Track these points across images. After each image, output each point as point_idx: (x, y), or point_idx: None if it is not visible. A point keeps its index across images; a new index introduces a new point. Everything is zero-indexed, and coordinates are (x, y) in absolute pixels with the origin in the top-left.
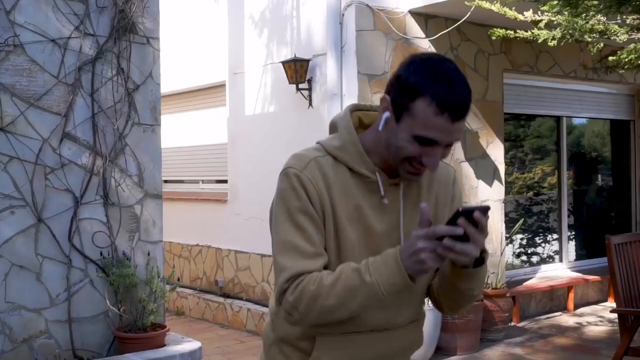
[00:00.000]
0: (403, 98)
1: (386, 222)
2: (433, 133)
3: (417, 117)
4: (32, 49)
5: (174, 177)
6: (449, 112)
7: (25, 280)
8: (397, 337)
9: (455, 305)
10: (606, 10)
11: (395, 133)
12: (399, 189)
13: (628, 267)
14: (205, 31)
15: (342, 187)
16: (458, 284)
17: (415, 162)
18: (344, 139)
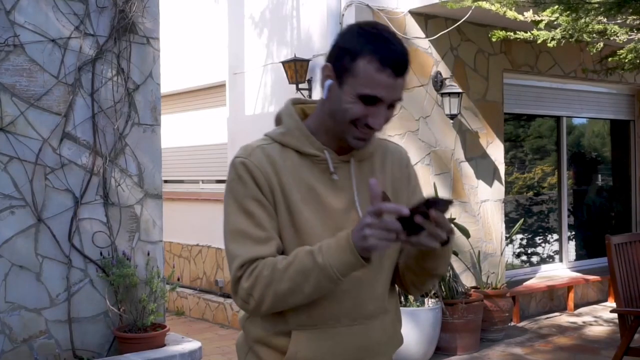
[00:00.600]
0: (344, 61)
1: (342, 200)
2: (376, 90)
3: (359, 76)
4: (32, 49)
5: (174, 177)
6: (391, 67)
7: (25, 280)
8: (371, 330)
9: (420, 284)
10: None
11: (340, 97)
12: (350, 165)
13: (628, 267)
14: (205, 31)
15: (292, 170)
16: (422, 263)
17: (360, 124)
18: (288, 124)
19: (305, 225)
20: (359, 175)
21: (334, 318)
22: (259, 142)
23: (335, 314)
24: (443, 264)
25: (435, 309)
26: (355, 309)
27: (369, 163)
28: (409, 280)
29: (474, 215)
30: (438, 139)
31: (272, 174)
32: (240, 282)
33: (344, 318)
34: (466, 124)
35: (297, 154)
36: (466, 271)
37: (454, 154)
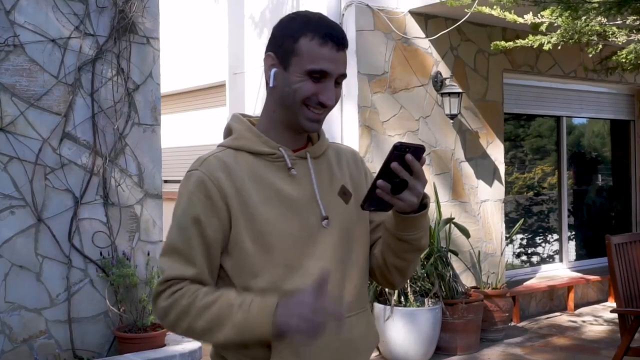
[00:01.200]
0: (286, 45)
1: (303, 193)
2: (322, 63)
3: (303, 53)
4: (32, 49)
5: (174, 177)
6: (331, 40)
7: (25, 280)
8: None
9: (402, 265)
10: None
11: (287, 80)
12: (307, 161)
13: (628, 267)
14: (205, 31)
15: (249, 173)
16: (403, 234)
17: (312, 103)
18: (239, 129)
19: (266, 225)
20: (317, 169)
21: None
22: (212, 151)
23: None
24: (424, 233)
25: (435, 309)
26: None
27: (325, 160)
28: (391, 264)
29: (474, 215)
30: (438, 139)
31: (227, 181)
32: (159, 299)
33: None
34: (466, 124)
35: (252, 155)
36: (466, 271)
37: (454, 154)
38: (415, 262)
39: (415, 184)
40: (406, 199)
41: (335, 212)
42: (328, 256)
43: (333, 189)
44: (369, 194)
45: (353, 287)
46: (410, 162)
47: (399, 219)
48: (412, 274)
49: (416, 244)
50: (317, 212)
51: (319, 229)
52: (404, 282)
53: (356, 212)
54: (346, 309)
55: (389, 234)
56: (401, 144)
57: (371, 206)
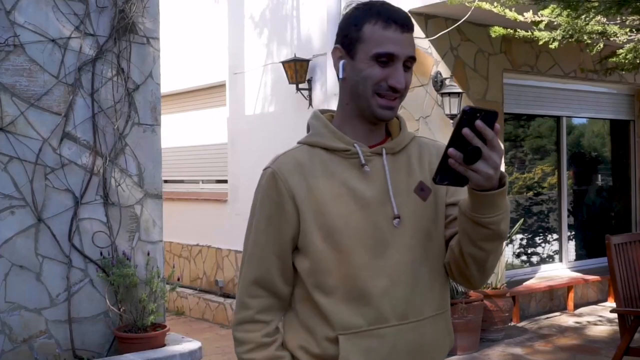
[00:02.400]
0: (351, 34)
1: (376, 192)
2: (388, 46)
3: (368, 39)
4: (32, 49)
5: (174, 177)
6: (395, 22)
7: (25, 280)
8: (424, 331)
9: (481, 254)
10: (606, 11)
11: (355, 68)
12: (382, 158)
13: (628, 267)
14: (205, 31)
15: (322, 169)
16: (480, 217)
17: (383, 89)
18: (315, 125)
19: (333, 220)
20: (392, 166)
21: (382, 319)
22: (289, 149)
23: (382, 314)
24: (503, 217)
25: None
26: (404, 307)
27: (404, 156)
28: (468, 254)
29: None
30: (438, 139)
31: (297, 178)
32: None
33: (392, 318)
34: None
35: (326, 152)
36: None
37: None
38: (495, 254)
39: (490, 154)
40: (481, 170)
41: (410, 210)
42: (400, 256)
43: (410, 186)
44: (441, 165)
45: (427, 289)
46: (482, 129)
47: (475, 197)
48: (492, 270)
49: (494, 229)
50: (389, 210)
51: (390, 228)
52: (482, 279)
53: (435, 211)
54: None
55: (464, 218)
56: (471, 108)
57: (444, 180)
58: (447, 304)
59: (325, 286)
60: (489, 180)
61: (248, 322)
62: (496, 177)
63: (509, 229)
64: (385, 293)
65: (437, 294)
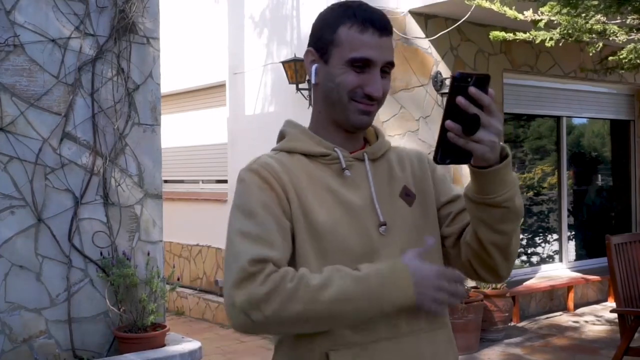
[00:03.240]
0: (324, 37)
1: (361, 197)
2: (363, 50)
3: (343, 43)
4: (32, 49)
5: (174, 177)
6: (372, 25)
7: (25, 280)
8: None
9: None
10: (606, 10)
11: (329, 74)
12: (364, 163)
13: (628, 267)
14: (205, 31)
15: (304, 174)
16: (492, 198)
17: (359, 96)
18: (291, 132)
19: (322, 226)
20: (375, 171)
21: (374, 333)
22: (266, 155)
23: (374, 328)
24: (515, 191)
25: None
26: (396, 320)
27: (384, 162)
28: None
29: None
30: None
31: (284, 173)
32: (250, 283)
33: (385, 331)
34: None
35: (306, 157)
36: None
37: None
38: (516, 236)
39: (490, 120)
40: (483, 138)
41: (397, 216)
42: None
43: (394, 191)
44: (440, 142)
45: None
46: (476, 95)
47: (480, 176)
48: (515, 255)
49: (509, 206)
50: (374, 217)
51: (377, 236)
52: (508, 266)
53: (424, 216)
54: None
55: (474, 205)
56: (460, 74)
57: (445, 158)
58: (445, 318)
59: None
60: (494, 149)
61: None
62: (499, 145)
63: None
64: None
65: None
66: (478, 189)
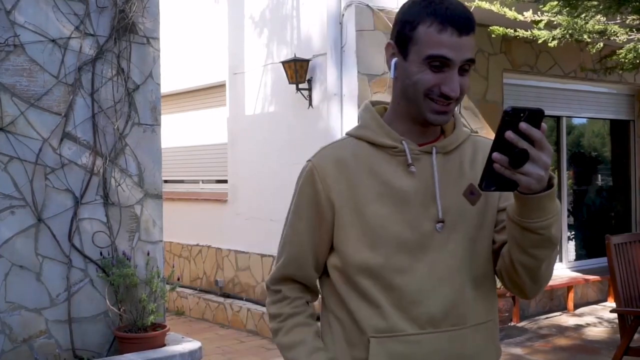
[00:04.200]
0: (405, 32)
1: (423, 192)
2: (441, 49)
3: (422, 41)
4: (32, 49)
5: (174, 177)
6: (452, 25)
7: (25, 280)
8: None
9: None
10: (606, 10)
11: (407, 70)
12: (431, 157)
13: (628, 267)
14: (205, 31)
15: (365, 166)
16: (528, 222)
17: (435, 95)
18: (364, 118)
19: (375, 223)
20: (443, 167)
21: (417, 324)
22: (334, 142)
23: (418, 319)
24: (553, 220)
25: None
26: (442, 314)
27: (456, 156)
28: (518, 262)
29: None
30: None
31: (338, 175)
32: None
33: (429, 325)
34: (466, 123)
35: (372, 146)
36: None
37: None
38: (548, 261)
39: (539, 154)
40: (531, 172)
41: (458, 214)
42: (440, 261)
43: (460, 188)
44: (486, 170)
45: (470, 297)
46: (527, 131)
47: (522, 201)
48: (547, 279)
49: (545, 234)
50: (433, 213)
51: (432, 232)
52: (537, 289)
53: (483, 216)
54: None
55: (512, 224)
56: (513, 109)
57: (491, 186)
58: (493, 314)
59: (357, 287)
60: (540, 182)
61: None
62: (546, 177)
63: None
64: (422, 298)
65: (481, 303)
66: (518, 211)
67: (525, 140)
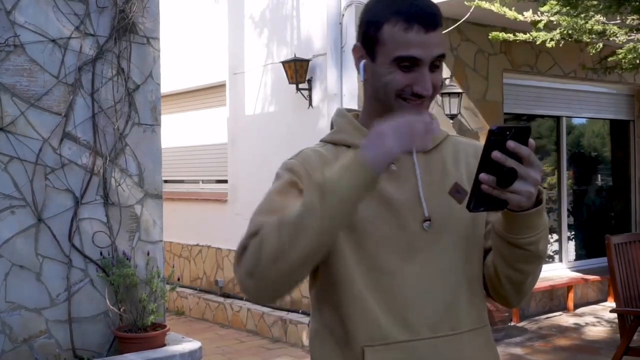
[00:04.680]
0: (370, 34)
1: (406, 191)
2: (409, 49)
3: (388, 42)
4: (32, 49)
5: (174, 177)
6: (417, 22)
7: (25, 280)
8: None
9: (516, 275)
10: (605, 10)
11: (376, 72)
12: (412, 156)
13: (628, 267)
14: (205, 31)
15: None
16: (516, 238)
17: (407, 95)
18: (339, 123)
19: (360, 225)
20: (425, 166)
21: (413, 330)
22: (312, 146)
23: (413, 325)
24: (542, 236)
25: None
26: (437, 318)
27: (438, 156)
28: (503, 275)
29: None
30: None
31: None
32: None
33: (425, 330)
34: (466, 124)
35: (350, 149)
36: None
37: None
38: (534, 275)
39: (528, 171)
40: (520, 190)
41: (445, 213)
42: (432, 262)
43: (444, 187)
44: (473, 191)
45: (466, 300)
46: (515, 149)
47: (510, 217)
48: (530, 290)
49: (532, 250)
50: (419, 212)
51: (421, 232)
52: (520, 299)
53: (473, 215)
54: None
55: (499, 239)
56: (498, 128)
57: (479, 206)
58: (486, 319)
59: (346, 293)
60: (530, 199)
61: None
62: (535, 193)
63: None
64: (415, 302)
65: (477, 306)
66: (506, 227)
67: (513, 158)
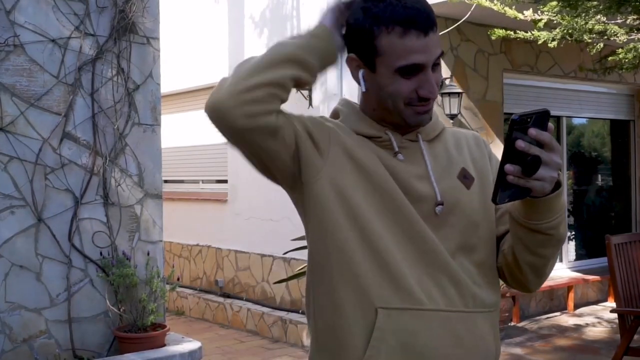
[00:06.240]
0: (364, 44)
1: (416, 178)
2: (411, 57)
3: (387, 52)
4: (32, 49)
5: (174, 177)
6: (415, 27)
7: (25, 280)
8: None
9: (537, 260)
10: (605, 10)
11: (379, 83)
12: (418, 144)
13: (628, 267)
14: (205, 31)
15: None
16: (538, 223)
17: (414, 101)
18: (344, 111)
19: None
20: (431, 152)
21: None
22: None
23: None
24: (562, 219)
25: None
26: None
27: (441, 144)
28: (525, 262)
29: None
30: None
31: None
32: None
33: (443, 301)
34: (466, 124)
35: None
36: None
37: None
38: (554, 257)
39: (551, 157)
40: (544, 176)
41: (454, 198)
42: (441, 245)
43: (451, 173)
44: (499, 183)
45: (473, 282)
46: (536, 136)
47: (531, 204)
48: (549, 273)
49: (553, 233)
50: (431, 197)
51: (432, 216)
52: (541, 283)
53: (482, 200)
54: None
55: (518, 226)
56: (520, 117)
57: (504, 198)
58: (495, 304)
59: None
60: (552, 183)
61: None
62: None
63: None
64: (422, 281)
65: (489, 290)
66: (525, 214)
67: (535, 145)
